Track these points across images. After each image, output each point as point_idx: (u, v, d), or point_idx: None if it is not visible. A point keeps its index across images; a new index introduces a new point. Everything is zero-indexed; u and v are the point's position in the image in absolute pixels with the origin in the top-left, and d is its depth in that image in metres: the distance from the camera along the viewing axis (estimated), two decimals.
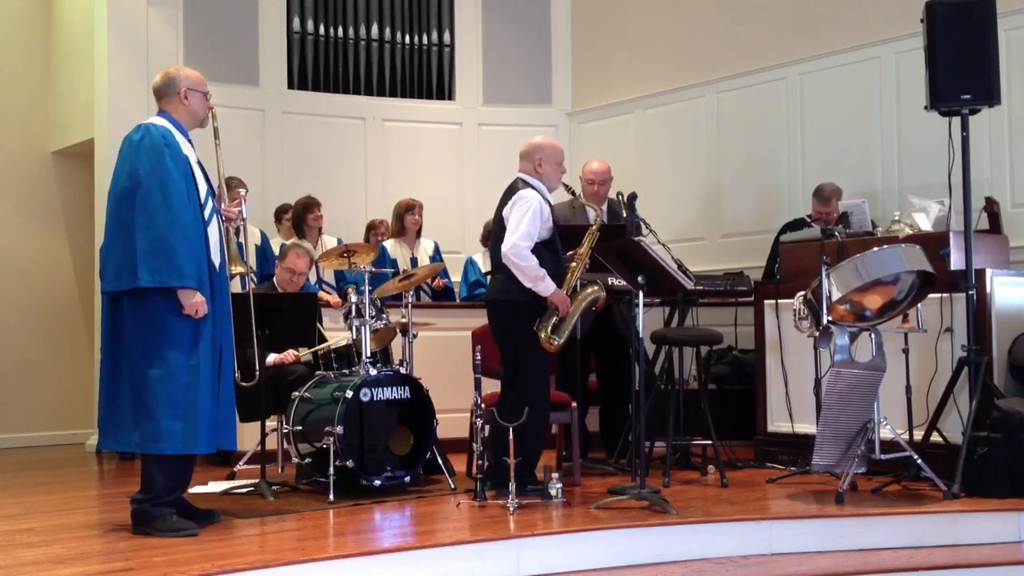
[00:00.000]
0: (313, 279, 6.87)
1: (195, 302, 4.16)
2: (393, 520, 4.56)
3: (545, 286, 4.92)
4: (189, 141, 4.38)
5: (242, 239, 4.60)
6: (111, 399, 4.24)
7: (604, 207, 6.37)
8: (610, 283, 5.68)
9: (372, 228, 7.71)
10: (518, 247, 4.90)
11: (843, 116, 7.34)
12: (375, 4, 8.74)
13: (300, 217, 7.34)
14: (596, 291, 5.11)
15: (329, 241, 7.28)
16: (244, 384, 4.73)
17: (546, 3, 9.12)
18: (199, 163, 4.38)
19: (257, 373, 4.80)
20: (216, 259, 4.36)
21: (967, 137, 5.21)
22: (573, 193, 5.31)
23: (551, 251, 5.05)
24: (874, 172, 7.15)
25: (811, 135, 7.52)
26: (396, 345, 5.98)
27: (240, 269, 4.52)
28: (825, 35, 7.46)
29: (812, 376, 5.55)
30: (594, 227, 5.16)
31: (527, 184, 5.07)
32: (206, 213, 4.31)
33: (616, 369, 6.33)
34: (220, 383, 4.32)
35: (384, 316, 5.59)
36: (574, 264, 5.11)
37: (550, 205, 5.10)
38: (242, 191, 4.65)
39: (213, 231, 4.35)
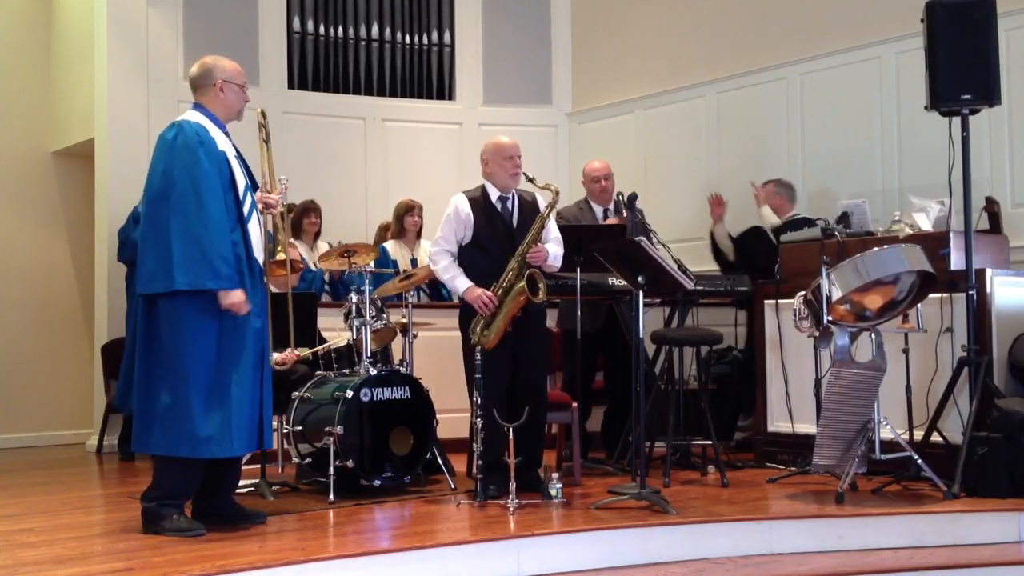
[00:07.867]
0: None
1: (235, 301, 4.07)
2: (393, 520, 4.56)
3: (455, 286, 5.09)
4: (227, 134, 4.28)
5: (280, 234, 4.56)
6: (144, 402, 4.13)
7: (611, 206, 6.36)
8: (610, 283, 5.68)
9: (386, 230, 7.65)
10: (431, 252, 5.18)
11: (843, 116, 7.33)
12: (375, 4, 8.75)
13: (298, 220, 7.33)
14: (520, 287, 4.97)
15: (323, 247, 7.25)
16: None
17: (546, 3, 9.12)
18: (239, 156, 4.27)
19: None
20: (260, 256, 4.28)
21: (967, 137, 5.21)
22: (531, 180, 5.14)
23: (480, 250, 5.09)
24: (874, 172, 7.15)
25: (811, 135, 7.52)
26: (396, 345, 5.98)
27: (282, 256, 4.51)
28: (825, 35, 7.46)
29: (812, 376, 5.54)
30: (544, 213, 5.09)
31: (476, 188, 5.18)
32: (245, 208, 4.20)
33: (624, 370, 6.31)
34: (262, 382, 4.23)
35: (384, 316, 5.58)
36: (512, 262, 5.04)
37: (502, 203, 5.12)
38: (283, 178, 4.50)
39: (254, 227, 4.25)
